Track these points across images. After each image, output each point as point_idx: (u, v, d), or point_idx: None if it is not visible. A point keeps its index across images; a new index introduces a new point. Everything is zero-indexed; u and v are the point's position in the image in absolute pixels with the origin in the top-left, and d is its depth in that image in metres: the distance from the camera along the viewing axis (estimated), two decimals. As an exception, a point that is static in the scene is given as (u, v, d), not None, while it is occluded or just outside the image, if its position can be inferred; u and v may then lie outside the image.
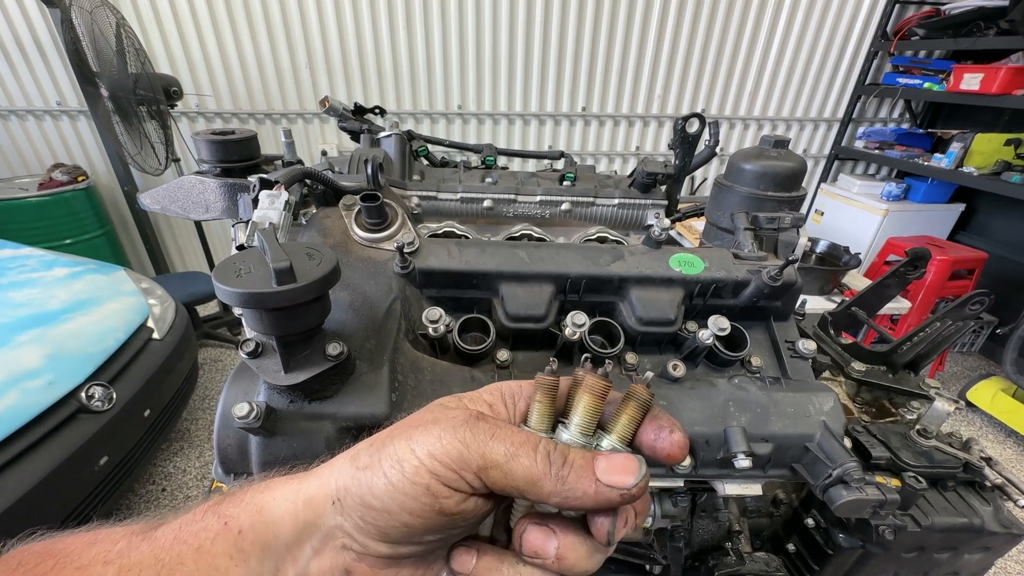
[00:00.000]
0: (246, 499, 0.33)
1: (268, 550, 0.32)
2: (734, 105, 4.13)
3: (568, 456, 0.30)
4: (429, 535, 0.31)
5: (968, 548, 0.80)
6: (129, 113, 2.80)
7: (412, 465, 0.30)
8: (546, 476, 0.29)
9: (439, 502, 0.29)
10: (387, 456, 0.31)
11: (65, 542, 0.32)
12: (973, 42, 3.24)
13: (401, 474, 0.30)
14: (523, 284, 0.79)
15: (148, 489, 2.39)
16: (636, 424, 0.33)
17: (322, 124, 3.82)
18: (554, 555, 0.31)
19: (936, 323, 0.95)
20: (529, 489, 0.30)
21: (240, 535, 0.32)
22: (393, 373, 0.64)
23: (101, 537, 0.33)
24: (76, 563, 0.31)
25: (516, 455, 0.30)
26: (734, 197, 0.97)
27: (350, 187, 0.90)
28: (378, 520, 0.30)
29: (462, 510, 0.30)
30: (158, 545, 0.31)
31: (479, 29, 3.59)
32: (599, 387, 0.33)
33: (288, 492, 0.33)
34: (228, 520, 0.32)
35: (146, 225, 3.83)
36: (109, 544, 0.32)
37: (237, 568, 0.31)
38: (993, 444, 2.99)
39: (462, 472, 0.29)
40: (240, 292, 0.46)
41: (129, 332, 2.04)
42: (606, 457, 0.31)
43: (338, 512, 0.31)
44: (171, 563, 0.31)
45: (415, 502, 0.29)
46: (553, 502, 0.30)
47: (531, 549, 0.31)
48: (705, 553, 0.90)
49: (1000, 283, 3.57)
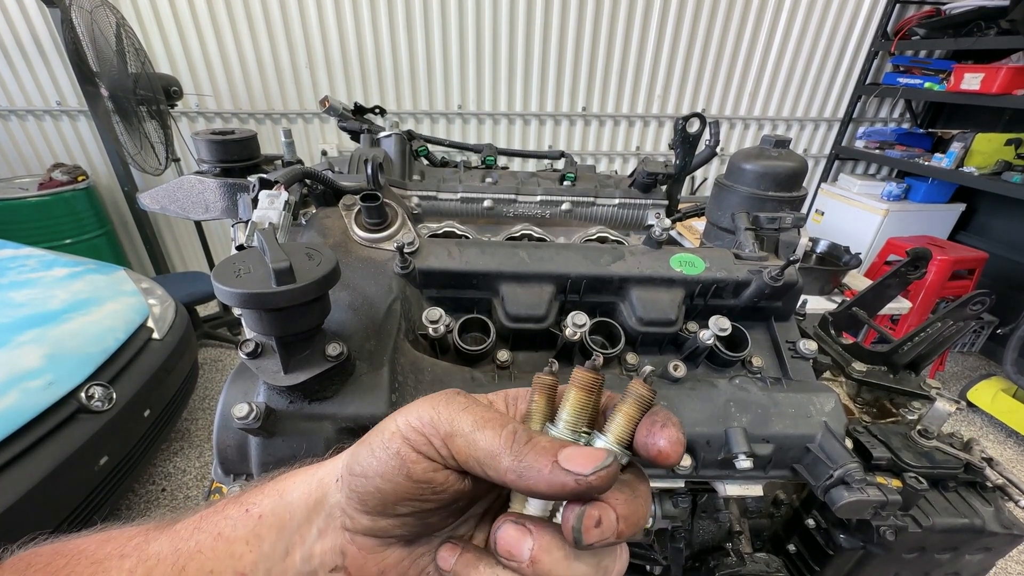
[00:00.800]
0: (267, 489, 0.35)
1: (283, 531, 0.33)
2: (734, 105, 4.13)
3: (534, 438, 0.30)
4: (400, 505, 0.31)
5: (969, 549, 0.80)
6: (129, 113, 2.80)
7: (390, 431, 0.32)
8: (506, 450, 0.29)
9: (407, 466, 0.30)
10: (377, 429, 0.33)
11: (75, 542, 0.33)
12: (974, 42, 3.24)
13: (380, 439, 0.31)
14: (523, 284, 0.79)
15: (148, 489, 2.39)
16: (634, 424, 0.31)
17: (322, 124, 3.82)
18: (528, 558, 0.29)
19: (937, 323, 0.95)
20: (489, 461, 0.29)
21: (260, 520, 0.33)
22: (393, 373, 0.64)
23: (114, 535, 0.33)
24: (91, 559, 0.31)
25: (483, 427, 0.30)
26: (735, 197, 0.97)
27: (350, 187, 0.89)
28: (358, 487, 0.31)
29: (430, 479, 0.30)
30: (177, 536, 0.32)
31: (479, 29, 3.59)
32: (586, 380, 0.32)
33: (307, 476, 0.35)
34: (249, 507, 0.34)
35: (146, 225, 3.83)
36: (123, 540, 0.33)
37: (251, 553, 0.32)
38: (994, 444, 2.99)
39: (430, 437, 0.30)
40: (240, 292, 0.46)
41: (129, 332, 2.04)
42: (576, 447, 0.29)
43: (339, 489, 0.32)
44: (189, 552, 0.31)
45: (385, 465, 0.30)
46: (509, 479, 0.29)
47: (504, 547, 0.30)
48: (706, 554, 0.90)
49: (1000, 283, 3.57)
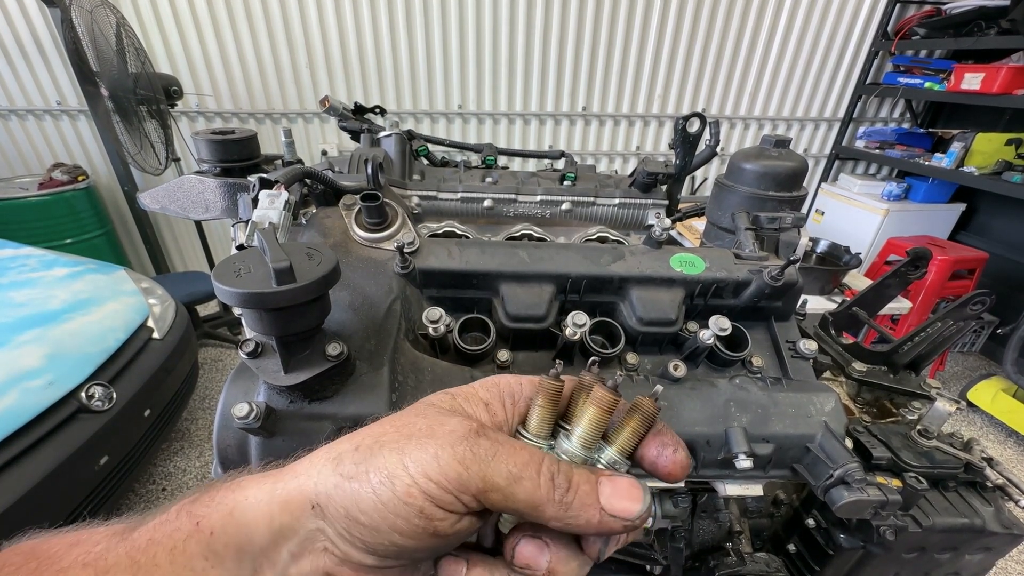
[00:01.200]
0: (217, 499, 0.32)
1: (243, 552, 0.31)
2: (734, 105, 4.13)
3: (572, 480, 0.30)
4: (419, 553, 0.30)
5: (969, 549, 0.80)
6: (129, 113, 2.80)
7: (404, 484, 0.28)
8: (549, 502, 0.29)
9: (433, 524, 0.28)
10: (376, 469, 0.29)
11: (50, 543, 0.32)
12: (974, 42, 3.24)
13: (392, 492, 0.28)
14: (523, 284, 0.79)
15: (148, 489, 2.39)
16: (639, 438, 0.33)
17: (322, 124, 3.82)
18: (546, 569, 0.31)
19: (937, 323, 0.95)
20: (530, 512, 0.29)
21: (212, 536, 0.30)
22: (393, 373, 0.64)
23: (84, 538, 0.32)
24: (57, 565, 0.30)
25: (519, 478, 0.29)
26: (735, 197, 0.97)
27: (350, 187, 0.89)
28: (365, 536, 0.29)
29: (456, 531, 0.29)
30: (134, 547, 0.30)
31: (479, 29, 3.59)
32: (607, 401, 0.32)
33: (262, 492, 0.31)
34: (199, 520, 0.31)
35: (146, 225, 3.83)
36: (90, 545, 0.31)
37: (214, 569, 0.30)
38: (994, 444, 2.99)
39: (460, 495, 0.28)
40: (240, 292, 0.46)
41: (129, 332, 2.04)
42: (610, 481, 0.30)
43: (319, 516, 0.30)
44: (146, 564, 0.29)
45: (406, 524, 0.28)
46: (554, 526, 0.30)
47: (523, 561, 0.31)
48: (706, 553, 0.90)
49: (1001, 283, 3.57)
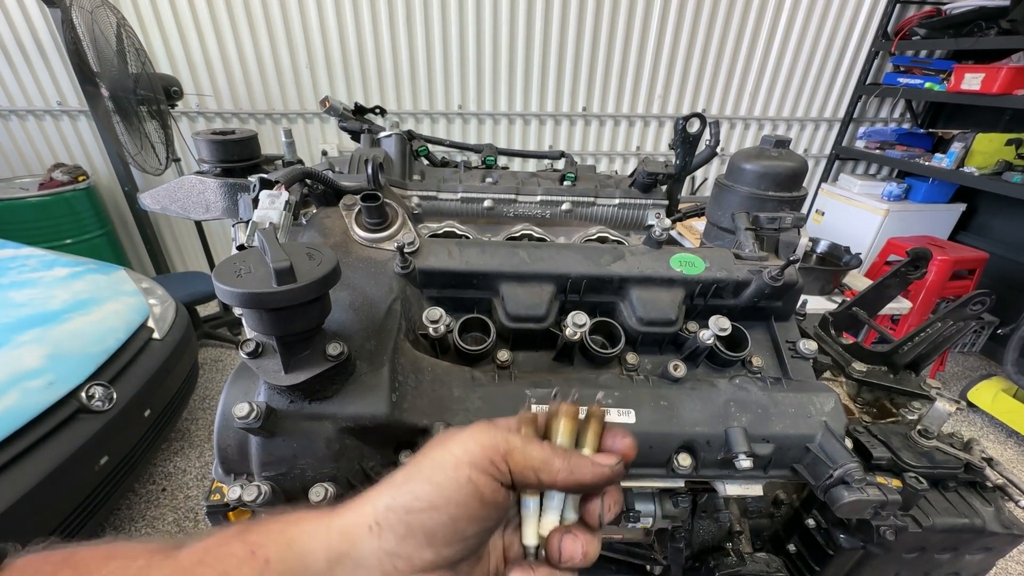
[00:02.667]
0: (275, 530, 0.34)
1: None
2: (734, 105, 4.13)
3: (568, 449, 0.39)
4: (469, 528, 0.34)
5: (969, 549, 0.80)
6: (129, 113, 2.80)
7: (453, 462, 0.35)
8: (556, 456, 0.37)
9: (480, 490, 0.34)
10: (426, 465, 0.35)
11: (82, 554, 0.32)
12: (974, 42, 3.24)
13: (444, 472, 0.34)
14: (523, 284, 0.79)
15: (148, 489, 2.39)
16: (600, 436, 0.42)
17: (322, 124, 3.82)
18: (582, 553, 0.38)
19: (937, 323, 0.95)
20: (543, 467, 0.36)
21: (267, 564, 0.32)
22: (393, 373, 0.64)
23: (118, 552, 0.32)
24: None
25: (530, 442, 0.38)
26: (735, 197, 0.97)
27: (350, 187, 0.89)
28: (425, 521, 0.33)
29: (496, 499, 0.35)
30: (180, 567, 0.31)
31: (479, 29, 3.59)
32: (572, 410, 0.42)
33: (320, 526, 0.35)
34: (255, 549, 0.33)
35: (146, 225, 3.83)
36: (128, 560, 0.32)
37: None
38: (994, 444, 2.99)
39: (494, 458, 0.35)
40: (240, 292, 0.46)
41: (129, 332, 2.04)
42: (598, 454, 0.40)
43: (376, 536, 0.33)
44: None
45: (459, 493, 0.33)
46: (560, 477, 0.37)
47: (568, 553, 0.38)
48: (706, 553, 0.90)
49: (1001, 283, 3.56)
